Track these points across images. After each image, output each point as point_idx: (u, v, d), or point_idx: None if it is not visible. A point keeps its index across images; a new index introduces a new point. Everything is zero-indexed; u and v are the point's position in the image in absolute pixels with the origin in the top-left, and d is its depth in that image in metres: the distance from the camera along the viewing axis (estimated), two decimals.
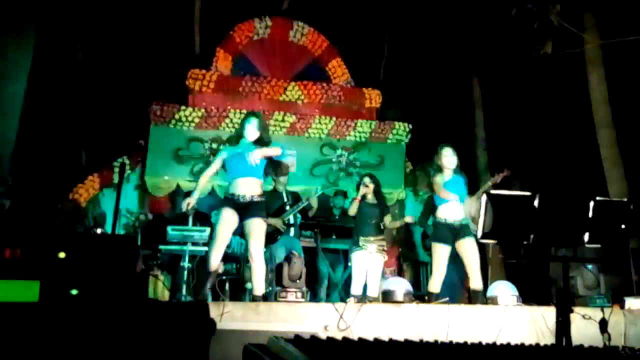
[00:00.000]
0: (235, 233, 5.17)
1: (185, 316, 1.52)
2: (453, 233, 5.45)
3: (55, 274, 1.54)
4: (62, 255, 1.56)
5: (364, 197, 6.26)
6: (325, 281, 7.30)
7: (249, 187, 4.85)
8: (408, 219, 6.68)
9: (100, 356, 1.44)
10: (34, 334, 1.37)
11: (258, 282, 4.82)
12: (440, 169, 5.60)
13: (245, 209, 4.81)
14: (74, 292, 1.54)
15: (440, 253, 5.47)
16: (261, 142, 4.94)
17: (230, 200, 4.86)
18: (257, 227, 4.81)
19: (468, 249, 5.39)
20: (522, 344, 1.88)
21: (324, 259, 7.26)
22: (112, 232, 5.42)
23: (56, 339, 1.40)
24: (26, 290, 1.47)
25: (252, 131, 4.95)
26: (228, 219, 4.81)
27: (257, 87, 9.20)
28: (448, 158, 5.59)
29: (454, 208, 5.50)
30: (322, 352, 1.53)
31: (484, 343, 1.92)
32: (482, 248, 6.04)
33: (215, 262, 4.84)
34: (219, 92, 9.11)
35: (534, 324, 4.45)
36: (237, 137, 5.05)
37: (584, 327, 4.12)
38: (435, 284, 5.46)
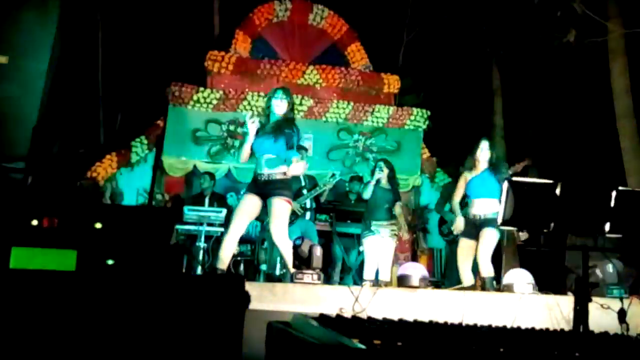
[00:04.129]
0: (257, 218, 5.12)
1: (222, 289, 1.54)
2: (477, 227, 5.47)
3: (92, 244, 1.57)
4: (98, 225, 1.58)
5: (378, 181, 6.30)
6: (339, 265, 7.34)
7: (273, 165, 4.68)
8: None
9: (137, 326, 1.47)
10: (71, 302, 1.41)
11: (289, 262, 4.69)
12: (473, 164, 5.57)
13: (268, 188, 4.67)
14: (110, 262, 1.57)
15: (462, 246, 5.55)
16: (288, 119, 4.78)
17: (254, 181, 4.73)
18: (278, 207, 4.65)
19: (483, 236, 5.40)
20: (547, 329, 1.89)
21: (338, 242, 7.29)
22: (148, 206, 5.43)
23: (93, 308, 1.43)
24: (63, 259, 1.50)
25: (281, 106, 4.77)
26: (248, 205, 4.69)
27: (275, 70, 9.19)
28: (482, 152, 5.56)
29: (482, 204, 5.49)
30: (348, 330, 1.55)
31: (508, 327, 1.94)
32: None
33: (227, 255, 4.63)
34: (237, 74, 9.12)
35: (550, 313, 4.44)
36: (267, 116, 4.85)
37: (600, 317, 4.10)
38: (464, 277, 5.51)
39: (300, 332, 1.61)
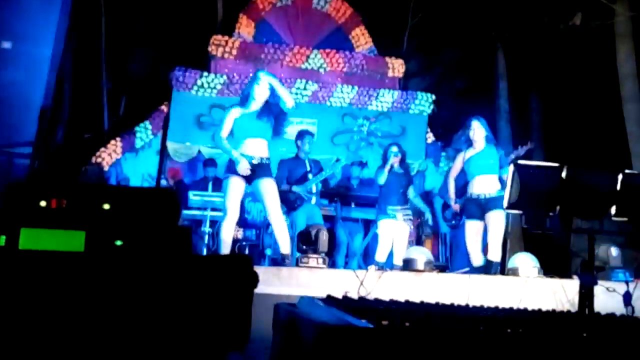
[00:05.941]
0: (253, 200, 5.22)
1: (230, 269, 1.55)
2: (482, 207, 5.47)
3: (100, 224, 1.58)
4: (106, 206, 1.59)
5: (391, 166, 6.30)
6: (344, 249, 7.36)
7: (258, 149, 4.86)
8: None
9: (146, 306, 1.48)
10: (79, 282, 1.42)
11: (282, 240, 4.85)
12: (470, 144, 5.62)
13: (254, 171, 4.79)
14: (119, 243, 1.57)
15: (470, 229, 5.53)
16: (270, 104, 4.87)
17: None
18: (269, 187, 4.82)
19: (492, 220, 5.41)
20: (554, 310, 1.90)
21: (343, 227, 7.31)
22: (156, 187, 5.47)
23: (102, 288, 1.44)
24: (72, 239, 1.51)
25: (262, 91, 4.84)
26: (236, 187, 4.80)
27: (279, 55, 9.15)
28: (474, 131, 5.58)
29: (483, 182, 5.49)
30: (355, 311, 1.55)
31: (514, 308, 1.94)
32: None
33: (229, 239, 4.79)
34: (241, 59, 9.08)
35: (555, 296, 4.46)
36: (245, 97, 4.93)
37: (606, 300, 4.11)
38: (475, 259, 5.52)
39: (307, 313, 1.62)
